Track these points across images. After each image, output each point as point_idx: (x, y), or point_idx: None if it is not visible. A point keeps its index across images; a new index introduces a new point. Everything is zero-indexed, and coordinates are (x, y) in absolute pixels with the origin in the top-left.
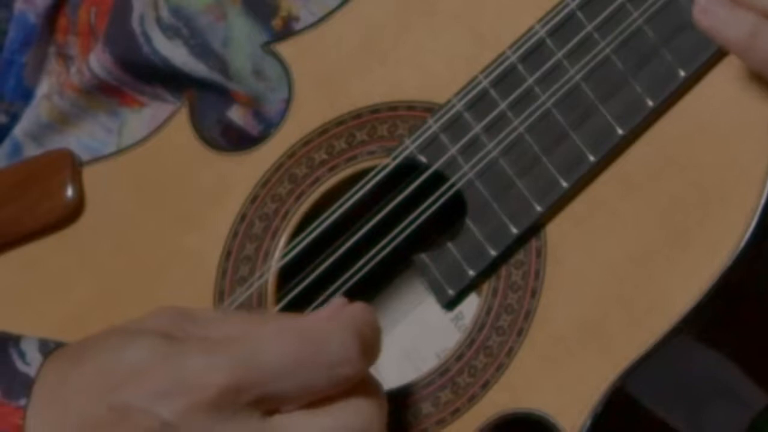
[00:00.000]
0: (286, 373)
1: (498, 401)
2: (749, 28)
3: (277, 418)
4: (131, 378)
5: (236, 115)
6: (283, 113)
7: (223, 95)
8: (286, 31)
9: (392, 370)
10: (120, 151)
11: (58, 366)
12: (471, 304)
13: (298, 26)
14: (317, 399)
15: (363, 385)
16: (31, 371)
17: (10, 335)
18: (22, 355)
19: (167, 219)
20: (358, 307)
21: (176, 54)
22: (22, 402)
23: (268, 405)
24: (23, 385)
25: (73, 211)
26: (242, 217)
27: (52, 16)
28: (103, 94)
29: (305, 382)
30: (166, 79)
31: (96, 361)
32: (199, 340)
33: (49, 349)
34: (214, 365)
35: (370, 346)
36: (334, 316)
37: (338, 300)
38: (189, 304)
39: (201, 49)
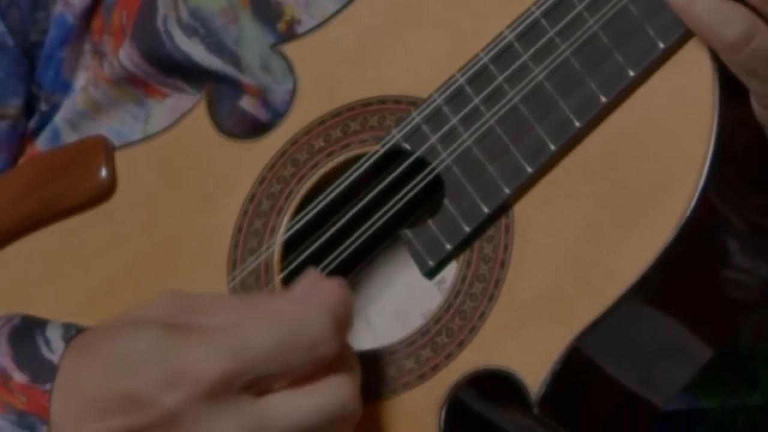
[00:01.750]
0: (271, 358)
1: (471, 359)
2: (747, 24)
3: (267, 398)
4: (138, 368)
5: (247, 104)
6: (288, 105)
7: (235, 87)
8: (290, 33)
9: (384, 329)
10: (147, 138)
11: (75, 355)
12: (451, 269)
13: (300, 28)
14: (301, 377)
15: (340, 360)
16: (54, 358)
17: (36, 321)
18: (47, 343)
19: (188, 198)
20: (332, 287)
21: (195, 50)
22: (48, 386)
23: (258, 387)
24: (49, 371)
25: (107, 190)
26: (252, 196)
27: (87, 17)
28: (131, 85)
29: (289, 365)
30: (186, 72)
31: (106, 351)
32: (197, 330)
33: (70, 335)
34: (210, 357)
35: (343, 324)
36: (311, 300)
37: (312, 274)
38: (206, 273)
39: (216, 46)
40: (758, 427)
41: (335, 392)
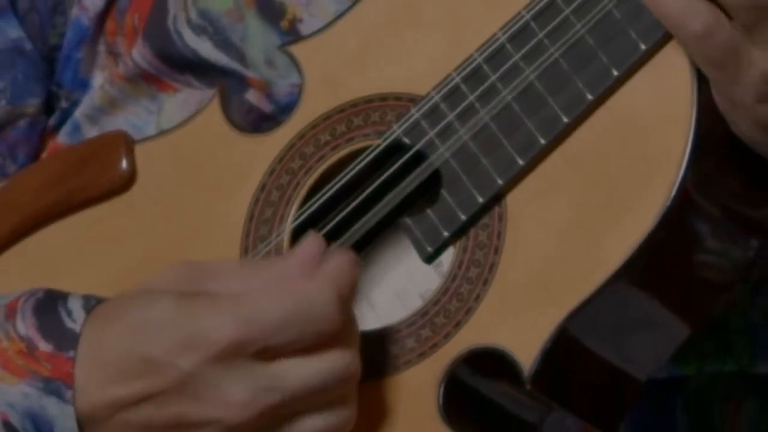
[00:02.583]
0: (279, 329)
1: (468, 338)
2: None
3: (275, 364)
4: (155, 335)
5: (252, 97)
6: (294, 100)
7: (241, 81)
8: (292, 30)
9: (385, 309)
10: (164, 132)
11: (96, 324)
12: (449, 255)
13: (302, 26)
14: (307, 347)
15: (343, 334)
16: (76, 327)
17: (59, 293)
18: (69, 313)
19: (202, 188)
20: (337, 262)
21: (203, 47)
22: (71, 354)
23: (267, 354)
24: (72, 339)
25: (127, 181)
26: (262, 187)
27: (101, 19)
28: (144, 81)
29: (296, 336)
30: (195, 68)
31: (125, 319)
32: (209, 298)
33: (90, 306)
34: (223, 324)
35: (346, 300)
36: (319, 275)
37: (313, 239)
38: (219, 258)
39: (223, 43)
40: (734, 393)
41: (337, 359)
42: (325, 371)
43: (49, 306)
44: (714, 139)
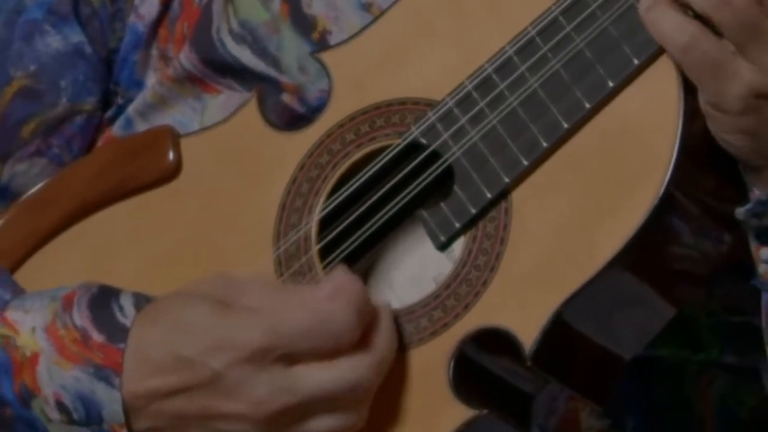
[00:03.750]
0: (301, 338)
1: (476, 319)
2: (687, 38)
3: (294, 368)
4: (191, 336)
5: (286, 99)
6: (323, 103)
7: (276, 85)
8: (322, 41)
9: (403, 291)
10: (207, 127)
11: (143, 321)
12: (460, 243)
13: (330, 37)
14: (324, 356)
15: (360, 345)
16: (127, 323)
17: (111, 290)
18: (121, 309)
19: (240, 179)
20: (355, 285)
21: (243, 54)
22: (122, 346)
23: (289, 360)
24: (122, 333)
25: (173, 172)
26: (293, 179)
27: (155, 26)
28: (191, 83)
29: (316, 346)
30: (236, 72)
31: (167, 320)
32: (241, 308)
33: (141, 305)
34: (251, 330)
35: (363, 316)
36: (337, 296)
37: (339, 272)
38: (256, 243)
39: (261, 51)
40: (706, 371)
41: (350, 370)
42: (339, 379)
43: (102, 301)
44: (697, 143)
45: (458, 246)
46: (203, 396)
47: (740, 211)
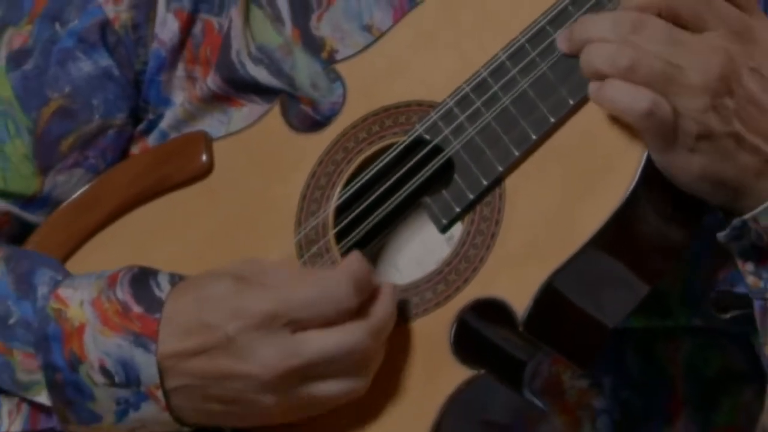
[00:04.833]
0: (306, 306)
1: (474, 291)
2: (647, 104)
3: (299, 334)
4: (213, 305)
5: (304, 108)
6: (340, 107)
7: (293, 98)
8: (331, 59)
9: (408, 272)
10: (236, 132)
11: (176, 295)
12: (459, 227)
13: (338, 56)
14: (328, 322)
15: (360, 313)
16: (163, 296)
17: (150, 270)
18: (158, 285)
19: (266, 175)
20: (358, 262)
21: (261, 74)
22: (157, 316)
23: (295, 326)
24: (158, 305)
25: (206, 171)
26: (313, 173)
27: (176, 51)
28: (217, 101)
29: (320, 313)
30: (255, 90)
31: (195, 292)
32: (257, 284)
33: (175, 282)
34: (263, 301)
35: (362, 286)
36: (340, 270)
37: (349, 257)
38: (280, 229)
39: (277, 71)
40: (674, 336)
41: (350, 333)
42: (338, 341)
43: (142, 279)
44: None
45: (457, 230)
46: (220, 357)
47: (721, 236)
